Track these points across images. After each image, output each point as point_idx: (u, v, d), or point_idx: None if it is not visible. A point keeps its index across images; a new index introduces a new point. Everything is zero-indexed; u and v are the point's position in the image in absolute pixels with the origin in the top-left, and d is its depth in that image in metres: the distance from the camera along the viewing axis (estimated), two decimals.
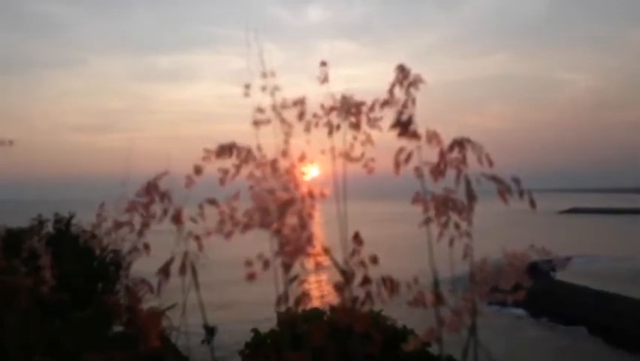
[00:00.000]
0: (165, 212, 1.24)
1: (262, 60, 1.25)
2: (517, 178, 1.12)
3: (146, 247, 1.34)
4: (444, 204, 1.17)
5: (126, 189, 1.36)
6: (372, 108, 1.29)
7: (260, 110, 1.26)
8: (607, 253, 27.02)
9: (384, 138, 1.27)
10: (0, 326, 2.60)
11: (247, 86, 1.24)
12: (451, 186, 1.18)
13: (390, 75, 1.25)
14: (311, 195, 1.20)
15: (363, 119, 1.31)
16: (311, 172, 1.25)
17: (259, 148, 1.22)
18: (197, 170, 1.17)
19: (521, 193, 1.12)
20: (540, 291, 15.64)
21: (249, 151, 1.19)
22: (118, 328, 3.06)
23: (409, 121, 1.22)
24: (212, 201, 1.19)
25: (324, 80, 1.31)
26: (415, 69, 1.23)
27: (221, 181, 1.19)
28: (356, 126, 1.31)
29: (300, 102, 1.29)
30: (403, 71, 1.24)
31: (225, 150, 1.18)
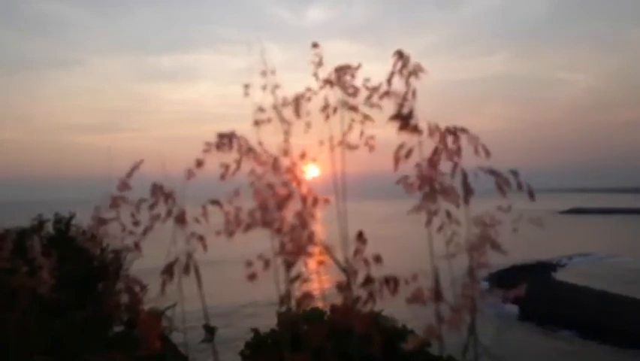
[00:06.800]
0: (169, 212, 1.23)
1: (263, 59, 1.24)
2: (515, 170, 1.07)
3: (137, 246, 1.34)
4: (431, 188, 1.11)
5: (112, 186, 1.36)
6: (371, 89, 1.20)
7: (261, 109, 1.25)
8: (607, 253, 27.00)
9: (384, 135, 1.24)
10: (0, 325, 2.60)
11: (246, 86, 1.22)
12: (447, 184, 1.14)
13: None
14: (314, 197, 1.18)
15: (360, 97, 1.22)
16: (312, 171, 1.23)
17: (260, 143, 1.21)
18: (199, 163, 1.16)
19: (520, 186, 1.07)
20: (539, 292, 15.64)
21: (249, 148, 1.18)
22: (118, 328, 3.06)
23: (410, 114, 1.14)
24: (215, 202, 1.18)
25: (319, 63, 1.25)
26: None
27: (222, 176, 1.18)
28: (353, 108, 1.23)
29: (298, 98, 1.26)
30: (401, 57, 1.14)
31: (225, 139, 1.16)
